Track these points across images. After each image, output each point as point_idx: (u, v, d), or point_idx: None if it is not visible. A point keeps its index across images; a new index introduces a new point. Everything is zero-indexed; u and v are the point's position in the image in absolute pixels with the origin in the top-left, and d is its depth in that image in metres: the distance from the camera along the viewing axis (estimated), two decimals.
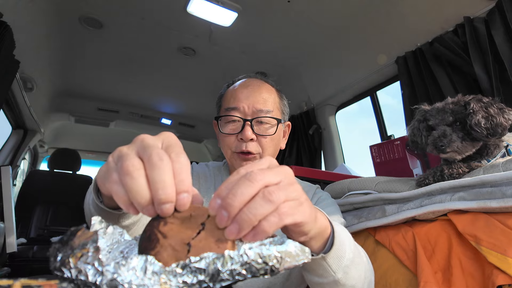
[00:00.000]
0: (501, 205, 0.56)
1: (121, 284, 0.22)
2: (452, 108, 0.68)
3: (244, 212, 0.25)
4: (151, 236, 0.26)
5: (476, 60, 1.09)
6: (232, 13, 1.54)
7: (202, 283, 0.23)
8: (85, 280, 0.23)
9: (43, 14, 1.46)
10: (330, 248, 0.38)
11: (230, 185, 0.26)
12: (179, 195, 0.26)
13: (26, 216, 2.20)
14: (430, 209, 0.65)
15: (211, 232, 0.26)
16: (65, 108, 2.51)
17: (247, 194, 0.25)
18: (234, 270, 0.23)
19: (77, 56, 1.95)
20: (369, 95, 1.86)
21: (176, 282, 0.23)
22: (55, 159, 2.60)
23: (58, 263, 0.23)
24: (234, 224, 0.25)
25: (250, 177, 0.26)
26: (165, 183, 0.25)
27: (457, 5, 1.20)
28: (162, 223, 0.26)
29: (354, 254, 0.41)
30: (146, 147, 0.27)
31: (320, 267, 0.39)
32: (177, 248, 0.25)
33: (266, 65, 2.03)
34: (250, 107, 0.65)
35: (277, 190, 0.26)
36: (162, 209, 0.25)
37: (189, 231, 0.26)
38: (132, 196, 0.25)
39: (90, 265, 0.23)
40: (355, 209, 0.85)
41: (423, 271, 0.59)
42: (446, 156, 0.70)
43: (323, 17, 1.54)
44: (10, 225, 1.20)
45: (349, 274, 0.41)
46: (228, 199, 0.25)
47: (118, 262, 0.23)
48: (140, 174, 0.25)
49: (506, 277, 0.50)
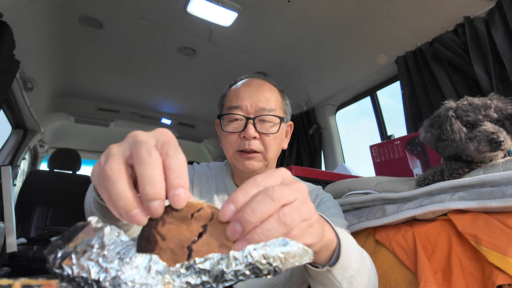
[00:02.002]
0: (501, 205, 0.56)
1: (124, 282, 0.22)
2: (496, 104, 0.64)
3: (256, 232, 0.24)
4: (149, 237, 0.25)
5: (476, 60, 1.09)
6: (232, 13, 1.54)
7: (205, 284, 0.23)
8: (86, 277, 0.22)
9: (43, 14, 1.46)
10: (336, 260, 0.37)
11: (247, 196, 0.25)
12: (176, 190, 0.24)
13: (26, 216, 2.20)
14: (430, 209, 0.65)
15: (214, 236, 0.25)
16: (65, 108, 2.51)
17: (266, 213, 0.24)
18: (238, 271, 0.23)
19: (77, 56, 1.95)
20: (369, 95, 1.86)
21: (179, 283, 0.23)
22: (55, 159, 2.60)
23: (58, 260, 0.23)
24: (242, 241, 0.24)
25: (271, 195, 0.25)
26: (153, 178, 0.23)
27: (457, 5, 1.20)
28: (161, 223, 0.25)
29: (359, 264, 0.41)
30: (136, 143, 0.25)
31: (325, 278, 0.39)
32: (176, 251, 0.24)
33: (266, 65, 2.03)
34: (253, 106, 0.65)
35: (292, 213, 0.25)
36: (150, 207, 0.24)
37: (189, 233, 0.25)
38: (113, 202, 0.24)
39: (94, 261, 0.23)
40: (355, 209, 0.85)
41: (423, 271, 0.59)
42: (494, 154, 0.64)
43: (323, 17, 1.54)
44: (10, 225, 1.20)
45: (354, 284, 0.41)
46: (246, 215, 0.24)
47: (122, 259, 0.23)
48: (120, 176, 0.24)
49: (506, 277, 0.50)
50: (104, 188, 0.24)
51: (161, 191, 0.24)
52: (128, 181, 0.24)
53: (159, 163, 0.24)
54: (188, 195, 0.26)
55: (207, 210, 0.26)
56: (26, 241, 1.84)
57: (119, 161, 0.25)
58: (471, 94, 0.73)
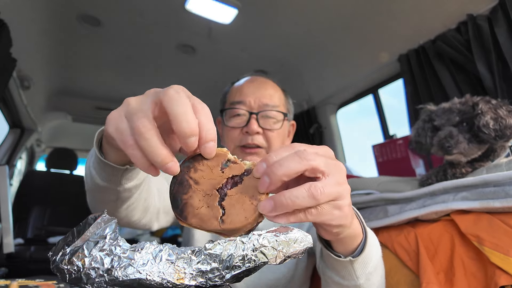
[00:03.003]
0: (504, 205, 0.55)
1: (138, 270, 0.23)
2: (459, 108, 0.66)
3: (285, 195, 0.25)
4: (183, 181, 0.27)
5: (479, 58, 1.08)
6: (232, 10, 1.53)
7: (215, 271, 0.24)
8: (99, 268, 0.23)
9: (41, 12, 1.44)
10: (359, 253, 0.38)
11: (279, 156, 0.27)
12: (207, 144, 0.26)
13: (23, 216, 2.19)
14: (433, 209, 0.65)
15: (247, 188, 0.28)
16: (63, 107, 2.49)
17: (292, 169, 0.25)
18: (246, 256, 0.24)
19: (75, 54, 1.93)
20: (371, 93, 1.85)
21: (190, 270, 0.24)
22: (52, 158, 2.58)
23: (67, 256, 0.23)
24: (269, 201, 0.26)
25: (301, 154, 0.26)
26: (187, 115, 0.25)
27: (459, 3, 1.19)
28: (193, 170, 0.28)
29: (378, 261, 0.41)
30: (159, 91, 0.27)
31: (345, 270, 0.39)
32: (209, 193, 0.27)
33: (266, 63, 2.02)
34: (256, 101, 0.64)
35: (324, 188, 0.26)
36: (187, 143, 0.25)
37: (219, 179, 0.28)
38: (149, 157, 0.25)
39: (106, 251, 0.23)
40: (356, 209, 0.84)
41: (425, 272, 0.59)
42: (452, 158, 0.68)
43: (324, 15, 1.53)
44: (7, 225, 1.19)
45: (371, 281, 0.41)
46: (273, 167, 0.26)
47: (134, 248, 0.24)
48: (153, 133, 0.25)
49: (509, 278, 0.50)
50: (135, 143, 0.26)
51: (195, 127, 0.25)
52: (159, 136, 0.26)
53: (188, 102, 0.26)
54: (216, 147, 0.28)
55: (238, 161, 0.29)
56: (23, 242, 1.83)
57: (150, 117, 0.26)
58: (474, 93, 0.73)
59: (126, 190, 0.42)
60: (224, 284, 0.24)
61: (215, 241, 0.25)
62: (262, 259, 0.24)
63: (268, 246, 0.24)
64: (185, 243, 0.69)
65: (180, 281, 0.23)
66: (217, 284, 0.24)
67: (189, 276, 0.23)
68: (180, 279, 0.23)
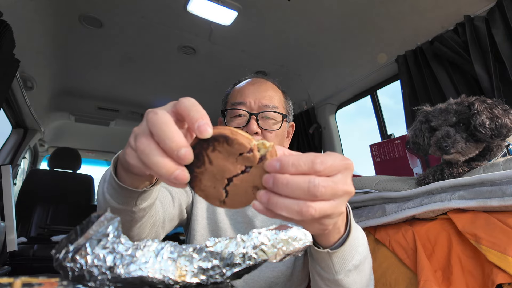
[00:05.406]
0: (501, 204, 0.56)
1: (140, 268, 0.23)
2: (455, 108, 0.67)
3: (278, 204, 0.27)
4: (199, 155, 0.28)
5: (476, 59, 1.09)
6: (232, 12, 1.54)
7: (216, 269, 0.24)
8: (101, 266, 0.23)
9: (43, 13, 1.46)
10: (338, 247, 0.38)
11: (295, 167, 0.27)
12: (195, 127, 0.26)
13: (26, 215, 2.20)
14: (430, 208, 0.65)
15: (253, 176, 0.28)
16: (65, 107, 2.51)
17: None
18: (246, 254, 0.25)
19: (77, 55, 1.94)
20: (369, 94, 1.86)
21: (191, 268, 0.24)
22: (56, 158, 2.60)
23: (71, 254, 0.23)
24: (262, 203, 0.27)
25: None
26: (167, 132, 0.26)
27: (457, 4, 1.20)
28: (211, 148, 0.28)
29: (361, 262, 0.42)
30: (148, 116, 0.29)
31: (323, 262, 0.40)
32: (217, 177, 0.28)
33: (266, 64, 2.03)
34: (257, 102, 0.65)
35: (315, 210, 0.27)
36: (179, 156, 0.26)
37: (232, 168, 0.28)
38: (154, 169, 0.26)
39: (109, 249, 0.23)
40: (355, 208, 0.85)
41: (423, 270, 0.59)
42: (449, 158, 0.69)
43: (323, 16, 1.54)
44: (11, 224, 1.20)
45: (350, 278, 0.41)
46: (277, 188, 0.27)
47: (136, 246, 0.24)
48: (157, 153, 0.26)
49: (506, 276, 0.50)
50: (145, 161, 0.27)
51: (179, 138, 0.26)
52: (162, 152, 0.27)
53: (167, 118, 0.27)
54: (209, 123, 0.27)
55: (256, 154, 0.28)
56: (27, 240, 1.85)
57: (149, 139, 0.27)
58: (472, 93, 0.74)
59: (140, 210, 0.43)
60: (224, 281, 0.24)
61: (216, 239, 0.26)
62: (262, 257, 0.25)
63: (268, 244, 0.25)
64: (187, 241, 0.70)
65: (181, 278, 0.23)
66: (218, 281, 0.24)
67: (190, 274, 0.24)
68: (182, 276, 0.23)
